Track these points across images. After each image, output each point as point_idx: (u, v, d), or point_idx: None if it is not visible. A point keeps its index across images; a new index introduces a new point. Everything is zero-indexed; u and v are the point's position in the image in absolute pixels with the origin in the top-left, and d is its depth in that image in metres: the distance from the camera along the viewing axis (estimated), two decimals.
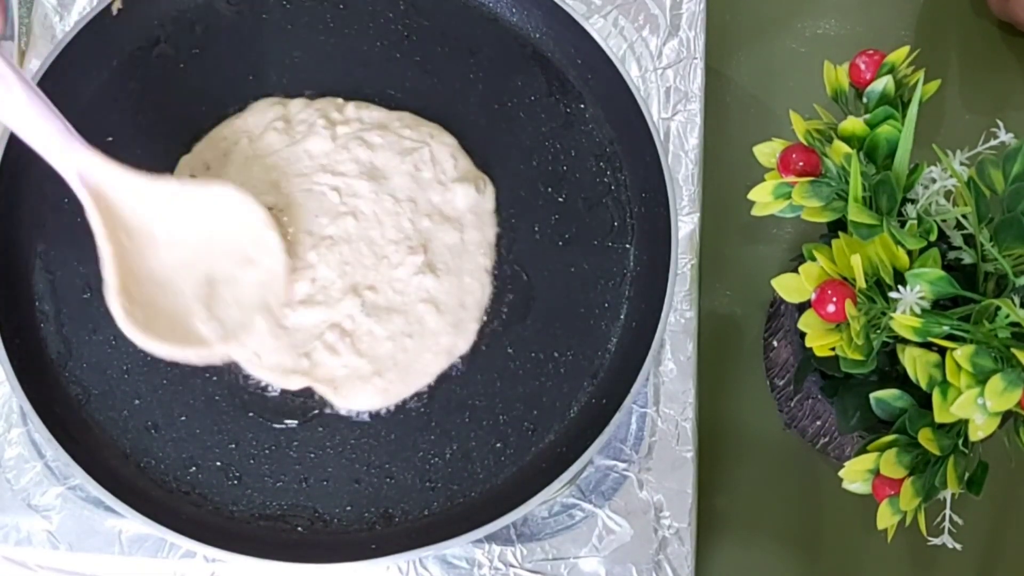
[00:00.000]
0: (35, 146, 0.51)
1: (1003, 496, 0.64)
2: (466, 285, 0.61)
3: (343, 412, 0.59)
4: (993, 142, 0.51)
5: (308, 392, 0.59)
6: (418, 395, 0.59)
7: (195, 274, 0.55)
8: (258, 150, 0.63)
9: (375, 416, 0.59)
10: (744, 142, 0.55)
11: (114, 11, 0.63)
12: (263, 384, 0.59)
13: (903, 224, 0.49)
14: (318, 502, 0.57)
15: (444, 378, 0.60)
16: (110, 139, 0.63)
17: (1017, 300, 0.47)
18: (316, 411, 0.59)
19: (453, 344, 0.60)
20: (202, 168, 0.63)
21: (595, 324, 0.61)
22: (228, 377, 0.59)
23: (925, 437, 0.47)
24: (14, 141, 0.59)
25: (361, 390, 0.59)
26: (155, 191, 0.54)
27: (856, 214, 0.47)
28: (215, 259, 0.55)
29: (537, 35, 0.67)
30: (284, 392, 0.59)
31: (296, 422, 0.58)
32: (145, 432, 0.58)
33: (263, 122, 0.64)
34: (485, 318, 0.61)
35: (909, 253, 0.48)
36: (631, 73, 0.66)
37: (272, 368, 0.59)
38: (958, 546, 0.49)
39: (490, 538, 0.59)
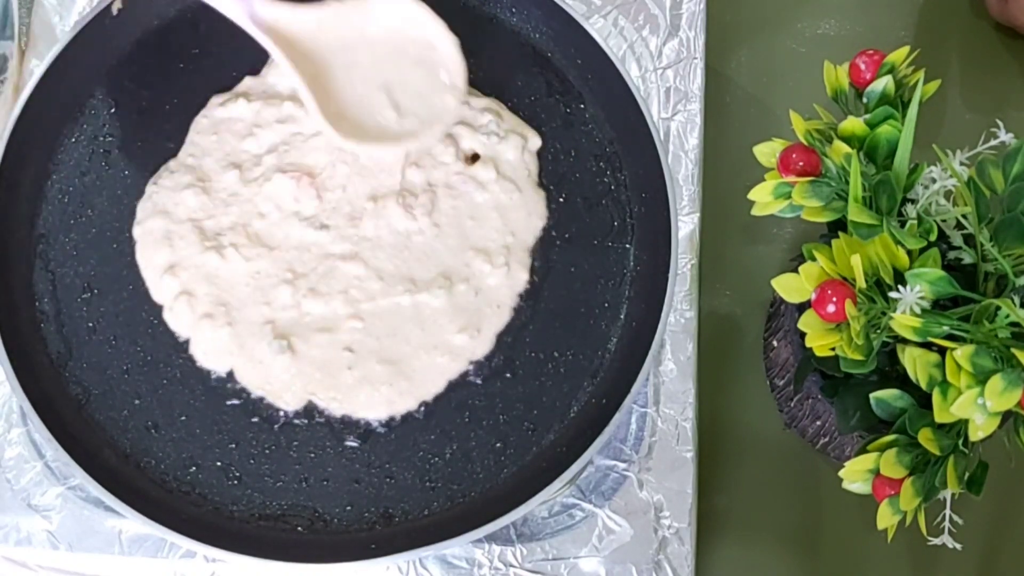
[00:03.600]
0: (212, 2, 0.55)
1: (1003, 496, 0.64)
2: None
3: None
4: (993, 142, 0.51)
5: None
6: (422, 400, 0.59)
7: (373, 85, 0.59)
8: None
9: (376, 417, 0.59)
10: (744, 142, 0.55)
11: (114, 11, 0.63)
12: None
13: (903, 224, 0.49)
14: (318, 502, 0.57)
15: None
16: (110, 138, 0.63)
17: (1017, 300, 0.47)
18: (317, 411, 0.59)
19: (471, 353, 0.60)
20: None
21: (595, 324, 0.61)
22: (228, 379, 0.59)
23: (925, 437, 0.47)
24: (14, 141, 0.60)
25: (368, 399, 0.58)
26: (319, 16, 0.57)
27: (856, 214, 0.47)
28: (385, 66, 0.59)
29: (537, 35, 0.66)
30: None
31: (297, 422, 0.58)
32: (145, 432, 0.58)
33: None
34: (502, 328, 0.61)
35: (909, 253, 0.48)
36: (631, 73, 0.66)
37: (281, 391, 0.58)
38: (958, 546, 0.49)
39: (490, 538, 0.59)
